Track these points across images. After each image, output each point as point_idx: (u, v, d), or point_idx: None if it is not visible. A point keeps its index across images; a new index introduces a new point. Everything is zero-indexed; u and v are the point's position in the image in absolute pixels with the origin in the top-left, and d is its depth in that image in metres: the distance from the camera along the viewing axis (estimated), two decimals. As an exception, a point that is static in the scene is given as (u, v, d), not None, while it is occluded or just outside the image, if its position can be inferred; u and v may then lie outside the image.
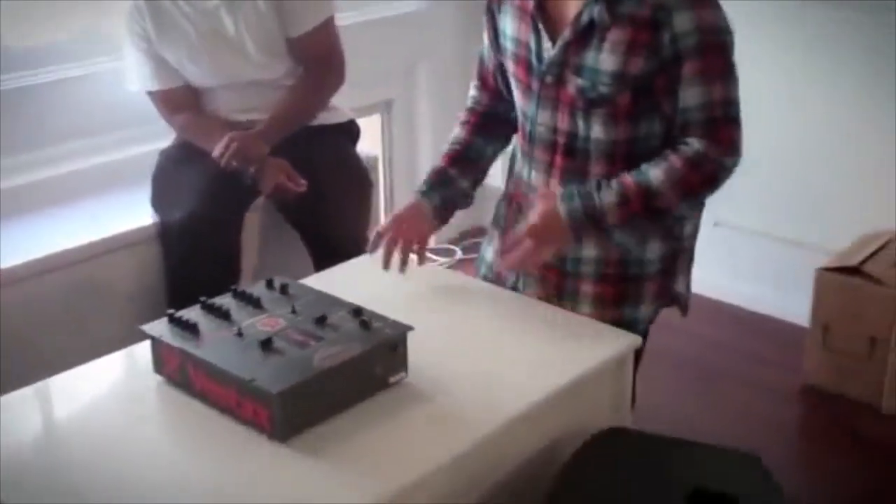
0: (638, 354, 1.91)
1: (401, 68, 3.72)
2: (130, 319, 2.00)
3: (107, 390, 1.75)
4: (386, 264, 1.99)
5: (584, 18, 1.79)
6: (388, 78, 3.65)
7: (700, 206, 1.99)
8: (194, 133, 2.76)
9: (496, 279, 2.08)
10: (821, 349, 3.03)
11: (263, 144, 2.65)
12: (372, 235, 2.05)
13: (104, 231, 2.60)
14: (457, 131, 2.10)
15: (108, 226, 2.63)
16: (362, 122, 3.04)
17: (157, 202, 2.70)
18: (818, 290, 3.01)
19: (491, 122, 2.08)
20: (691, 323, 3.50)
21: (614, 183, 1.80)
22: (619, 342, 1.81)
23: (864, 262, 2.97)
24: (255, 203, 2.75)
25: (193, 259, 2.57)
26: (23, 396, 1.68)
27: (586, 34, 1.79)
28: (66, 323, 2.46)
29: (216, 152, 2.62)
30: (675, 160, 1.79)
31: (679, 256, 1.99)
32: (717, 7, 1.78)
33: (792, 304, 3.25)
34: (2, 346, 2.28)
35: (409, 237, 1.99)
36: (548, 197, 1.84)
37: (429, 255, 2.11)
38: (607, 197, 1.80)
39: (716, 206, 2.07)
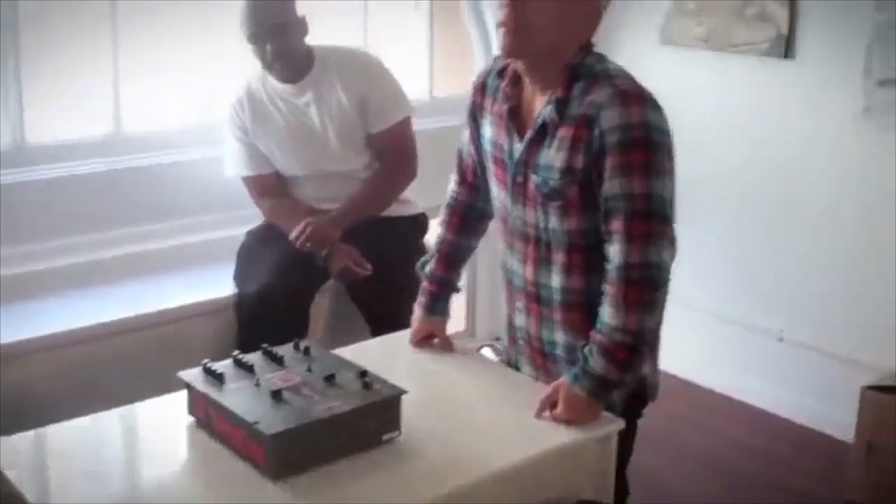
0: (628, 446, 2.07)
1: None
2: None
3: (149, 426, 2.04)
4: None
5: (539, 120, 1.97)
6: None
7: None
8: (278, 216, 3.08)
9: (508, 360, 2.28)
10: (864, 466, 3.07)
11: (335, 229, 2.95)
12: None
13: (189, 298, 2.94)
14: (441, 232, 2.33)
15: (193, 294, 2.96)
16: (433, 218, 3.30)
17: (238, 275, 3.02)
18: (862, 407, 3.07)
19: (471, 220, 2.31)
20: (732, 429, 3.63)
21: (592, 347, 1.93)
22: (603, 422, 1.98)
23: (908, 382, 3.03)
24: (326, 284, 3.04)
25: (263, 329, 2.81)
26: (77, 427, 1.97)
27: (542, 134, 1.98)
28: (151, 374, 2.75)
29: (293, 234, 2.93)
30: (610, 290, 1.91)
31: None
32: (650, 106, 1.88)
33: (838, 418, 3.31)
34: (78, 395, 2.60)
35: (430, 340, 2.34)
36: (559, 388, 1.97)
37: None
38: (599, 362, 1.93)
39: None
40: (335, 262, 2.93)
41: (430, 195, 3.23)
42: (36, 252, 2.94)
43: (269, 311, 2.86)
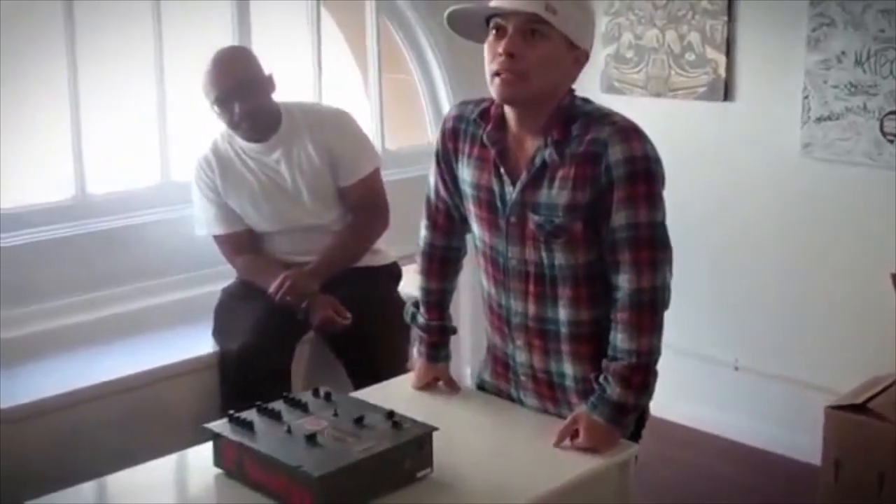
0: None
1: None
2: (191, 436, 2.25)
3: (175, 481, 2.02)
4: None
5: (538, 161, 2.03)
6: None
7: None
8: (253, 273, 3.08)
9: (495, 392, 2.32)
10: (833, 484, 3.19)
11: (314, 281, 2.97)
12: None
13: (169, 358, 2.91)
14: (424, 281, 2.36)
15: (173, 353, 2.94)
16: (405, 266, 3.35)
17: (218, 333, 3.01)
18: (827, 427, 3.20)
19: (448, 263, 2.35)
20: (707, 461, 3.73)
21: (608, 376, 2.02)
22: (621, 448, 2.05)
23: (869, 400, 3.17)
24: (305, 336, 3.05)
25: (247, 384, 2.82)
26: (96, 487, 1.95)
27: (539, 175, 2.05)
28: (130, 437, 2.72)
29: (272, 289, 2.94)
30: (622, 317, 2.00)
31: None
32: (645, 140, 2.00)
33: (797, 441, 3.45)
34: (67, 457, 2.55)
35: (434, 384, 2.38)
36: (579, 419, 2.04)
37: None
38: (615, 390, 2.02)
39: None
40: (316, 312, 2.94)
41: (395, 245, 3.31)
42: (9, 318, 2.88)
43: (253, 367, 2.85)
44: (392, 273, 3.24)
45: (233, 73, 2.96)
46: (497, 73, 2.01)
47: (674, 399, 3.94)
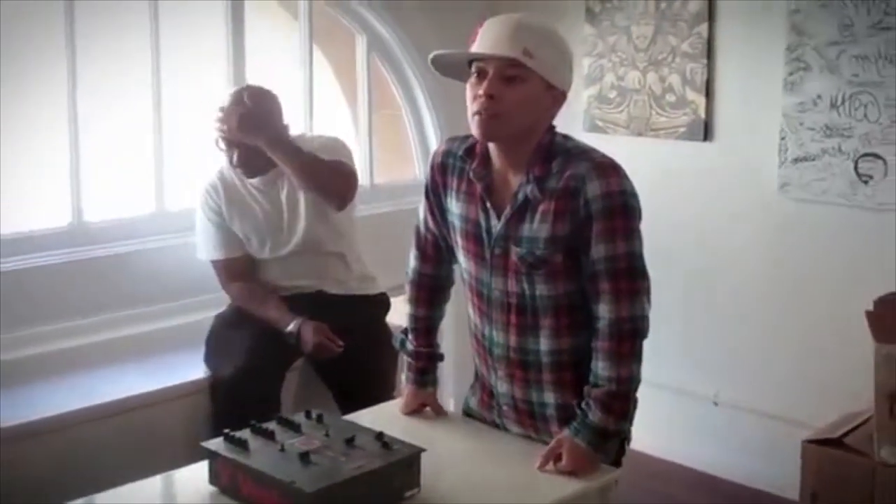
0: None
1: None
2: (183, 458, 2.29)
3: (170, 498, 2.08)
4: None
5: (520, 197, 2.13)
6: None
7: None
8: (248, 300, 3.16)
9: (479, 419, 2.40)
10: (809, 518, 3.27)
11: (264, 137, 3.03)
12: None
13: (163, 382, 2.98)
14: (413, 309, 2.45)
15: (166, 378, 3.01)
16: (393, 298, 3.43)
17: (209, 359, 3.08)
18: (804, 461, 3.27)
19: (436, 292, 2.44)
20: (675, 492, 3.79)
21: (590, 402, 2.11)
22: (602, 472, 2.14)
23: (845, 434, 3.25)
24: (294, 364, 3.12)
25: (238, 409, 2.87)
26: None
27: (522, 210, 2.14)
28: (124, 457, 2.77)
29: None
30: (602, 345, 2.10)
31: None
32: (622, 175, 2.10)
33: (775, 475, 3.53)
34: (63, 475, 2.60)
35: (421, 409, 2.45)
36: (562, 442, 2.12)
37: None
38: (597, 415, 2.10)
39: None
40: (308, 338, 3.01)
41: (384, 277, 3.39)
42: (8, 341, 2.95)
43: (244, 392, 2.91)
44: (382, 303, 3.32)
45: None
46: (478, 113, 2.11)
47: (650, 432, 4.04)
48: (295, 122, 3.81)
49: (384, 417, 2.41)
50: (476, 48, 2.13)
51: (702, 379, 3.98)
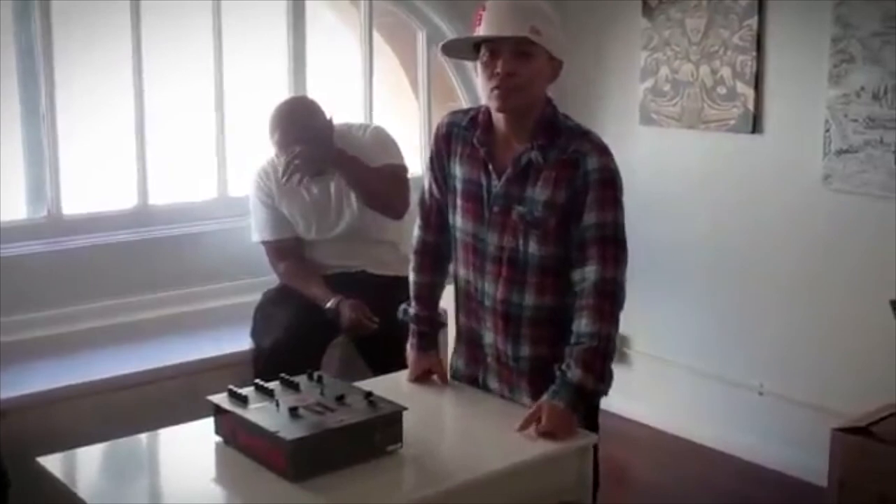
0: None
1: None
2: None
3: (180, 445, 2.30)
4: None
5: (524, 161, 2.35)
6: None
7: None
8: (293, 278, 3.38)
9: (466, 380, 2.58)
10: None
11: (325, 151, 3.24)
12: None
13: (212, 352, 3.25)
14: (416, 276, 2.65)
15: (215, 348, 3.28)
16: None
17: (255, 332, 3.31)
18: (833, 448, 3.29)
19: (438, 259, 2.62)
20: (718, 480, 3.85)
21: (569, 361, 2.27)
22: (581, 435, 2.27)
23: (874, 423, 3.26)
24: (336, 340, 3.32)
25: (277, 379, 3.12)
26: (111, 448, 2.25)
27: (524, 173, 2.35)
28: (174, 419, 3.04)
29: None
30: (587, 303, 2.27)
31: None
32: (613, 158, 2.34)
33: (818, 465, 3.54)
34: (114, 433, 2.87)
35: (428, 376, 2.63)
36: (542, 406, 2.27)
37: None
38: (576, 373, 2.26)
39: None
40: (346, 316, 3.20)
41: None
42: (79, 313, 3.30)
43: (283, 364, 3.09)
44: (413, 283, 3.49)
45: (295, 126, 3.27)
46: (497, 87, 2.32)
47: (696, 420, 4.12)
48: (354, 112, 4.07)
49: (391, 383, 2.59)
50: (485, 30, 2.33)
51: (746, 369, 4.01)
